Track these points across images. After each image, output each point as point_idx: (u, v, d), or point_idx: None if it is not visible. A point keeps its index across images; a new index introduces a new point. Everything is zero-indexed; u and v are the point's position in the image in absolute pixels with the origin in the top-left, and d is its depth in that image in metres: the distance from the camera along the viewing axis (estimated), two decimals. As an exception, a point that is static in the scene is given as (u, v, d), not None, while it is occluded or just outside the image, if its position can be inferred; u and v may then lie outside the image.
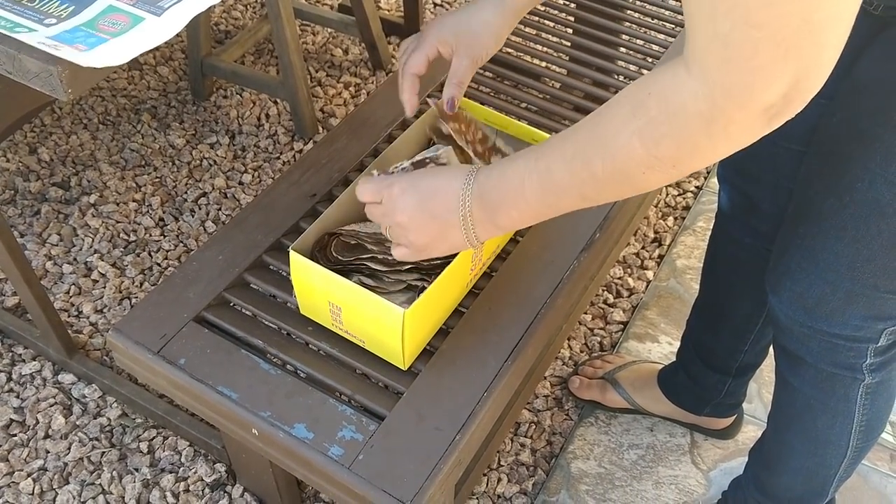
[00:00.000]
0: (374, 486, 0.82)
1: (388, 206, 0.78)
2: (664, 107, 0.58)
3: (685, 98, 0.57)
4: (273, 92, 1.86)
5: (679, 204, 1.81)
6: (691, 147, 0.59)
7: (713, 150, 0.59)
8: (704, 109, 0.56)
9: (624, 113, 0.61)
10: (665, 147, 0.59)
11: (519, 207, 0.72)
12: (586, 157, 0.64)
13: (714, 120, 0.56)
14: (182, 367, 0.91)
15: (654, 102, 0.59)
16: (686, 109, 0.57)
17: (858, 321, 0.87)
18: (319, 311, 0.93)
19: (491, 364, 0.93)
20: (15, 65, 0.69)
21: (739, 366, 1.25)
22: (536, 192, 0.69)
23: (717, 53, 0.53)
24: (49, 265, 1.62)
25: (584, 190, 0.67)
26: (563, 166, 0.66)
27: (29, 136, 1.88)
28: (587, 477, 1.36)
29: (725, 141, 0.58)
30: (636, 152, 0.61)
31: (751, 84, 0.53)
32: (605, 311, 1.60)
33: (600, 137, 0.63)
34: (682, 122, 0.58)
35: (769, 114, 0.55)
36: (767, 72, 0.52)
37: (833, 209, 0.82)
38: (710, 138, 0.57)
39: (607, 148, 0.63)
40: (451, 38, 0.90)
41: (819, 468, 1.05)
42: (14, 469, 1.34)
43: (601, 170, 0.64)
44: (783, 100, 0.54)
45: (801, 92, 0.54)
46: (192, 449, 1.36)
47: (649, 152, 0.60)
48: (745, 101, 0.54)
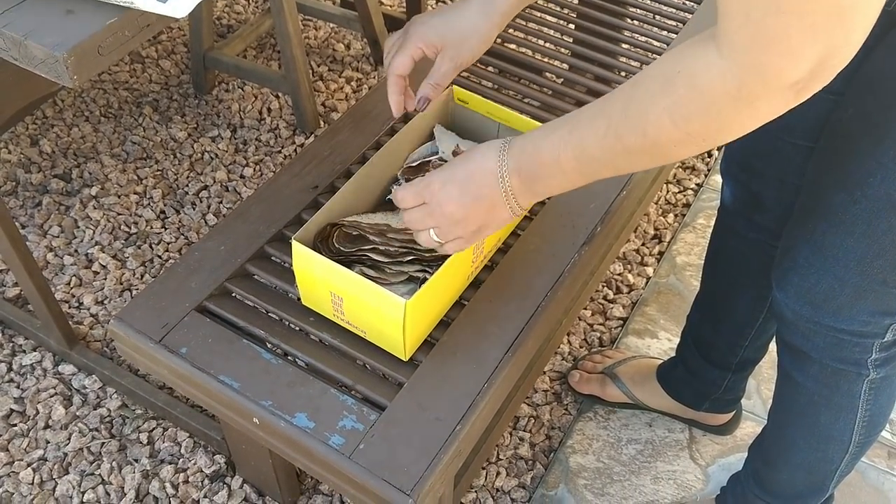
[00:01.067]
0: (375, 475, 0.82)
1: (433, 202, 0.79)
2: (693, 85, 0.60)
3: (714, 78, 0.58)
4: (275, 86, 1.86)
5: (679, 201, 1.82)
6: (719, 123, 0.61)
7: (741, 125, 0.61)
8: (733, 89, 0.58)
9: (654, 89, 0.64)
10: (694, 124, 0.62)
11: (557, 177, 0.74)
12: (619, 132, 0.67)
13: (742, 98, 0.58)
14: (183, 357, 0.91)
15: (682, 81, 0.61)
16: (714, 89, 0.59)
17: (866, 316, 0.87)
18: (321, 302, 0.93)
19: (491, 356, 0.93)
20: (21, 51, 0.70)
21: (739, 361, 1.25)
22: (572, 163, 0.72)
23: (748, 36, 0.55)
24: (50, 256, 1.62)
25: (617, 162, 0.69)
26: (597, 141, 0.69)
27: (31, 127, 1.88)
28: (586, 471, 1.37)
29: (753, 116, 0.60)
30: (666, 128, 0.63)
31: (779, 64, 0.55)
32: (605, 307, 1.60)
33: (632, 113, 0.65)
34: (710, 101, 0.60)
35: (795, 89, 0.57)
36: (796, 53, 0.54)
37: (844, 204, 0.82)
38: (738, 114, 0.60)
39: (639, 124, 0.65)
40: (437, 39, 0.89)
41: (820, 463, 1.05)
42: (14, 459, 1.34)
43: (633, 144, 0.66)
44: (809, 75, 0.56)
45: (828, 68, 0.56)
46: (192, 440, 1.36)
47: (679, 128, 0.62)
48: (773, 80, 0.56)
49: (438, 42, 0.89)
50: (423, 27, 0.90)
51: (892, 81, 0.76)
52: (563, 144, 0.71)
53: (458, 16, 0.89)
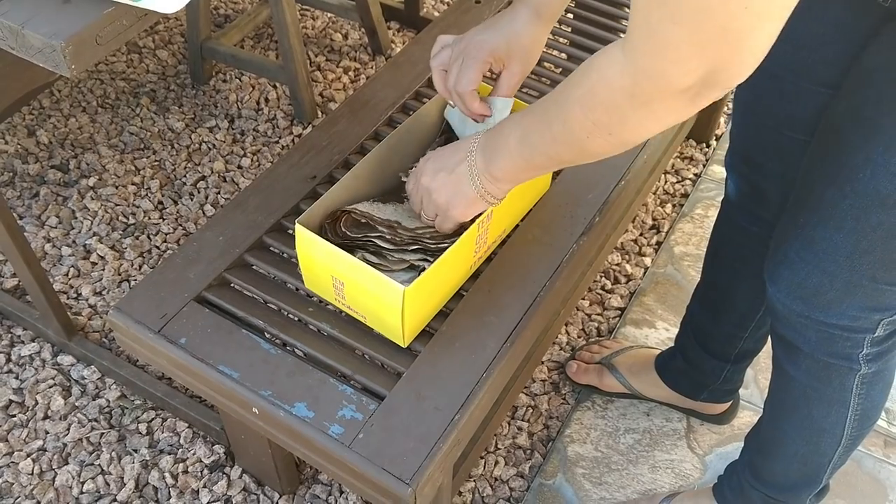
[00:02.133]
0: (374, 464, 0.83)
1: (418, 176, 0.88)
2: (599, 78, 0.66)
3: (615, 73, 0.64)
4: (272, 76, 1.85)
5: (677, 191, 1.82)
6: (620, 117, 0.66)
7: (641, 124, 0.66)
8: (628, 86, 0.63)
9: (574, 81, 0.70)
10: (598, 114, 0.67)
11: (505, 158, 0.80)
12: (548, 119, 0.73)
13: (636, 96, 0.63)
14: (183, 347, 0.92)
15: (594, 74, 0.67)
16: (614, 83, 0.64)
17: (856, 312, 0.87)
18: (323, 286, 0.93)
19: (490, 346, 0.93)
20: (18, 40, 0.69)
21: (738, 352, 1.26)
22: (517, 145, 0.78)
23: (643, 39, 0.60)
24: (48, 247, 1.62)
25: (548, 149, 0.75)
26: (536, 125, 0.75)
27: (27, 118, 1.87)
28: (584, 460, 1.37)
29: (651, 116, 0.64)
30: (577, 117, 0.69)
31: (666, 71, 0.59)
32: (603, 297, 1.61)
33: (559, 102, 0.72)
34: (609, 94, 0.65)
35: (688, 95, 0.61)
36: (682, 63, 0.58)
37: (834, 199, 0.82)
38: (635, 112, 0.64)
39: (560, 112, 0.71)
40: (504, 53, 0.91)
41: (814, 455, 1.06)
42: (14, 449, 1.34)
43: (557, 132, 0.72)
44: (702, 84, 0.60)
45: (720, 81, 0.60)
46: (191, 431, 1.37)
47: (586, 117, 0.68)
48: (662, 85, 0.61)
49: (505, 56, 0.91)
50: (486, 42, 0.90)
51: (883, 76, 0.76)
52: (514, 126, 0.78)
53: (514, 28, 0.90)
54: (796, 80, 0.88)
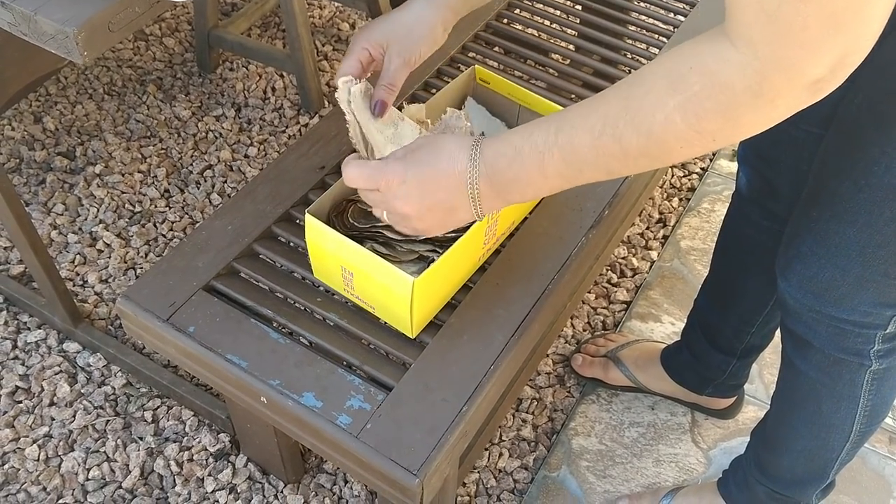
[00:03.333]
0: (382, 454, 0.83)
1: (388, 195, 0.76)
2: (709, 81, 0.58)
3: (733, 73, 0.56)
4: (280, 65, 1.85)
5: (684, 185, 1.81)
6: (735, 121, 0.59)
7: (756, 122, 0.59)
8: (754, 84, 0.56)
9: (661, 87, 0.61)
10: (709, 121, 0.59)
11: (535, 184, 0.70)
12: (617, 131, 0.63)
13: (762, 94, 0.56)
14: (191, 335, 0.92)
15: (696, 77, 0.58)
16: (734, 84, 0.57)
17: (868, 307, 0.87)
18: (332, 276, 0.93)
19: (497, 338, 0.93)
20: (31, 26, 0.69)
21: (745, 347, 1.26)
22: (558, 167, 0.68)
23: (765, 28, 0.53)
24: (54, 234, 1.62)
25: (610, 164, 0.66)
26: (590, 141, 0.65)
27: (34, 104, 1.87)
28: (588, 453, 1.37)
29: (771, 112, 0.58)
30: (677, 127, 0.60)
31: (801, 58, 0.54)
32: (609, 291, 1.61)
33: (635, 111, 0.62)
34: (729, 97, 0.57)
35: (816, 86, 0.56)
36: (817, 45, 0.53)
37: (848, 193, 0.81)
38: (756, 111, 0.58)
39: (643, 122, 0.62)
40: (381, 37, 0.86)
41: (821, 451, 1.06)
42: (20, 435, 1.35)
43: (635, 145, 0.63)
44: (830, 72, 0.55)
45: (847, 65, 0.55)
46: (197, 419, 1.37)
47: (691, 127, 0.60)
48: (795, 75, 0.55)
49: (383, 39, 0.85)
50: (367, 29, 0.86)
51: None
52: (549, 146, 0.67)
53: (402, 12, 0.87)
54: None
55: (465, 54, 1.30)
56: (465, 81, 1.06)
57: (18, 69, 1.40)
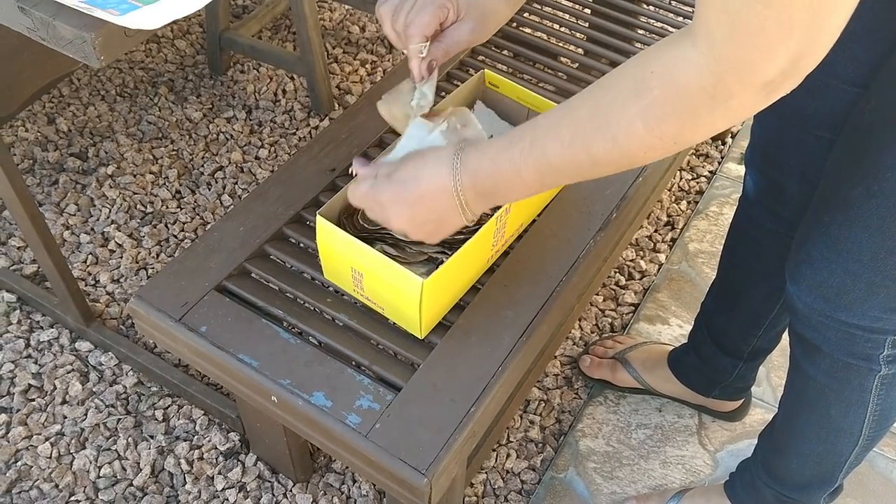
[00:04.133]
0: (391, 454, 0.84)
1: (381, 214, 0.80)
2: (668, 84, 0.59)
3: (690, 74, 0.57)
4: (290, 67, 1.86)
5: (692, 188, 1.82)
6: (693, 123, 0.60)
7: (712, 125, 0.60)
8: (709, 85, 0.57)
9: (626, 94, 0.61)
10: (668, 125, 0.60)
11: (516, 190, 0.73)
12: (585, 140, 0.65)
13: (717, 95, 0.57)
14: (203, 335, 0.93)
15: (657, 81, 0.59)
16: (690, 85, 0.58)
17: (878, 312, 0.87)
18: (342, 277, 0.94)
19: (506, 339, 0.94)
20: (49, 31, 0.70)
21: (752, 350, 1.26)
22: (533, 175, 0.70)
23: (725, 28, 0.54)
24: (67, 234, 1.64)
25: (581, 171, 0.68)
26: (561, 151, 0.67)
27: (47, 106, 1.89)
28: (595, 455, 1.38)
29: (725, 115, 0.59)
30: (639, 134, 0.62)
31: (755, 59, 0.55)
32: (617, 293, 1.61)
33: (601, 120, 0.63)
34: (686, 99, 0.58)
35: (768, 89, 0.57)
36: (772, 48, 0.54)
37: (860, 198, 0.81)
38: (712, 113, 0.59)
39: (608, 131, 0.63)
40: (464, 3, 0.84)
41: (829, 455, 1.06)
42: (33, 433, 1.36)
43: (601, 153, 0.64)
44: (781, 76, 0.56)
45: (799, 69, 0.56)
46: (207, 418, 1.38)
47: (652, 132, 0.61)
48: (749, 76, 0.56)
49: (465, 7, 0.83)
50: None
51: None
52: (524, 157, 0.69)
53: None
54: (824, 77, 0.87)
55: (474, 58, 1.31)
56: (475, 85, 1.07)
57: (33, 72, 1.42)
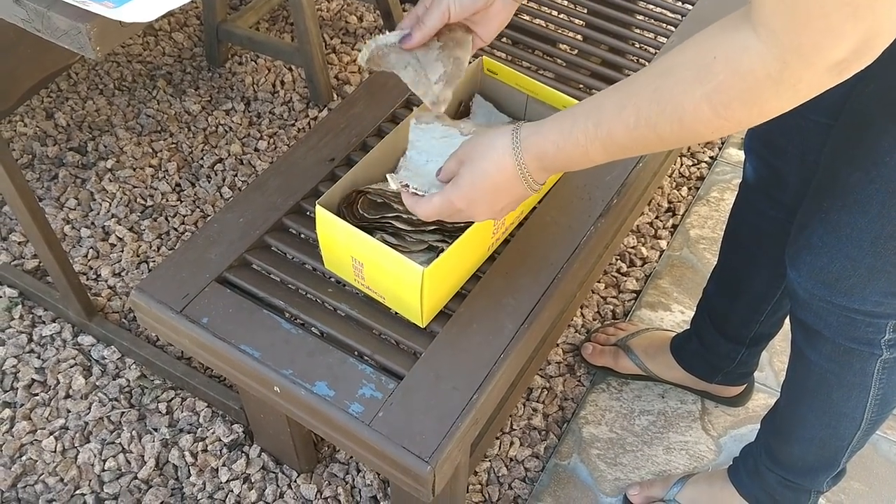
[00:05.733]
0: (394, 442, 0.84)
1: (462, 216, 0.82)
2: (732, 71, 0.59)
3: (754, 62, 0.58)
4: (288, 59, 1.86)
5: (693, 174, 1.81)
6: (760, 106, 0.60)
7: (779, 107, 0.61)
8: (774, 72, 0.57)
9: (688, 77, 0.62)
10: (734, 110, 0.61)
11: (582, 164, 0.75)
12: (651, 123, 0.66)
13: (783, 80, 0.58)
14: (205, 326, 0.93)
15: (720, 67, 0.60)
16: (756, 73, 0.58)
17: (879, 297, 0.87)
18: (343, 266, 0.94)
19: (507, 327, 0.94)
20: (44, 22, 0.70)
21: (753, 336, 1.26)
22: (601, 153, 0.72)
23: (785, 17, 0.55)
24: (67, 229, 1.64)
25: (649, 146, 0.69)
26: (627, 133, 0.68)
27: (46, 101, 1.88)
28: (598, 442, 1.38)
29: (793, 97, 0.59)
30: (705, 115, 0.62)
31: (820, 44, 0.55)
32: (619, 280, 1.61)
33: (665, 104, 0.64)
34: (751, 86, 0.59)
35: (839, 68, 0.57)
36: (836, 31, 0.54)
37: (859, 183, 0.81)
38: (779, 97, 0.59)
39: (674, 114, 0.64)
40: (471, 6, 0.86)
41: (832, 439, 1.06)
42: (37, 427, 1.36)
43: (669, 132, 0.66)
44: (854, 55, 0.56)
45: (873, 47, 0.56)
46: (210, 410, 1.38)
47: (718, 115, 0.62)
48: (815, 60, 0.56)
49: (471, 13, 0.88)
50: None
51: None
52: (590, 140, 0.71)
53: None
54: None
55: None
56: (473, 72, 1.07)
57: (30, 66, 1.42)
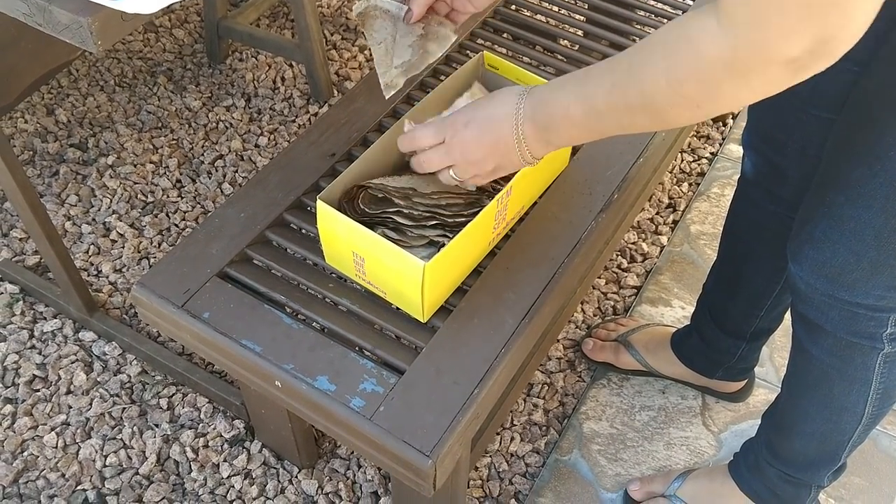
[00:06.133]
0: (395, 436, 0.84)
1: (453, 141, 0.83)
2: (689, 49, 0.62)
3: (710, 44, 0.60)
4: (289, 55, 1.86)
5: (694, 170, 1.81)
6: (714, 90, 0.63)
7: (735, 97, 0.62)
8: (727, 57, 0.60)
9: (656, 51, 0.66)
10: (688, 87, 0.64)
11: (567, 129, 0.78)
12: (622, 90, 0.70)
13: (734, 68, 0.60)
14: (206, 321, 0.93)
15: (682, 45, 0.63)
16: (710, 55, 0.61)
17: (881, 291, 0.87)
18: (344, 261, 0.94)
19: (508, 322, 0.94)
20: (45, 17, 0.70)
21: (753, 331, 1.26)
22: (581, 116, 0.75)
23: (746, 10, 0.57)
24: (68, 225, 1.64)
25: (620, 119, 0.72)
26: (603, 97, 0.72)
27: (46, 97, 1.88)
28: (599, 437, 1.38)
29: (746, 88, 0.61)
30: (662, 89, 0.66)
31: (770, 41, 0.56)
32: (619, 276, 1.61)
33: (635, 72, 0.68)
34: (704, 66, 0.61)
35: (793, 67, 0.58)
36: (791, 32, 0.55)
37: (863, 177, 0.81)
38: (731, 83, 0.61)
39: (639, 83, 0.68)
40: None
41: (833, 433, 1.06)
42: (38, 423, 1.37)
43: (634, 103, 0.69)
44: (809, 55, 0.57)
45: (829, 51, 0.57)
46: (212, 406, 1.38)
47: (673, 90, 0.65)
48: (766, 56, 0.58)
49: None
50: None
51: None
52: (573, 97, 0.75)
53: None
54: None
55: (473, 40, 1.30)
56: (474, 67, 1.07)
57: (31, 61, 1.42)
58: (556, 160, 1.06)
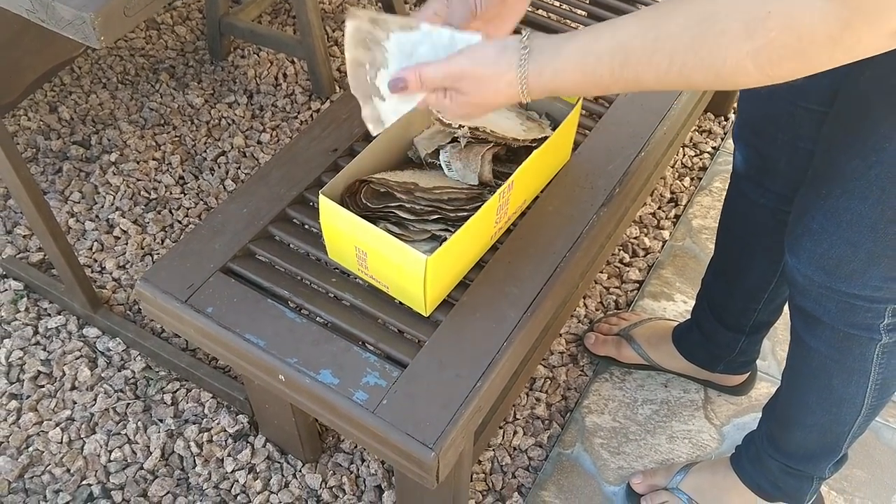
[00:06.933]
0: (398, 429, 0.84)
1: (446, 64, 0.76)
2: (789, 28, 0.57)
3: (815, 20, 0.56)
4: (291, 51, 1.86)
5: (696, 164, 1.81)
6: (808, 63, 0.59)
7: (827, 65, 0.59)
8: (835, 32, 0.56)
9: (735, 30, 0.59)
10: (783, 69, 0.59)
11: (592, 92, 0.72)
12: (685, 71, 0.63)
13: (843, 40, 0.56)
14: (210, 316, 0.93)
15: (775, 23, 0.57)
16: (816, 32, 0.56)
17: (878, 282, 0.87)
18: (346, 256, 0.95)
19: (510, 315, 0.95)
20: (48, 13, 0.71)
21: (753, 324, 1.26)
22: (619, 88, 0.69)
23: None
24: (72, 222, 1.65)
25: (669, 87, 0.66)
26: (657, 77, 0.65)
27: (49, 94, 1.89)
28: (602, 431, 1.39)
29: (844, 56, 0.58)
30: (748, 71, 0.60)
31: (884, 7, 0.54)
32: (621, 270, 1.61)
33: (705, 53, 0.61)
34: (808, 45, 0.57)
35: None
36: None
37: (858, 169, 0.81)
38: (831, 56, 0.58)
39: (713, 65, 0.61)
40: None
41: (833, 425, 1.06)
42: (43, 419, 1.37)
43: (702, 81, 0.63)
44: None
45: None
46: (215, 401, 1.39)
47: (764, 72, 0.60)
48: (879, 23, 0.55)
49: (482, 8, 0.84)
50: None
51: None
52: (615, 80, 0.68)
53: None
54: None
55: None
56: None
57: (34, 58, 1.42)
58: (558, 155, 1.06)
